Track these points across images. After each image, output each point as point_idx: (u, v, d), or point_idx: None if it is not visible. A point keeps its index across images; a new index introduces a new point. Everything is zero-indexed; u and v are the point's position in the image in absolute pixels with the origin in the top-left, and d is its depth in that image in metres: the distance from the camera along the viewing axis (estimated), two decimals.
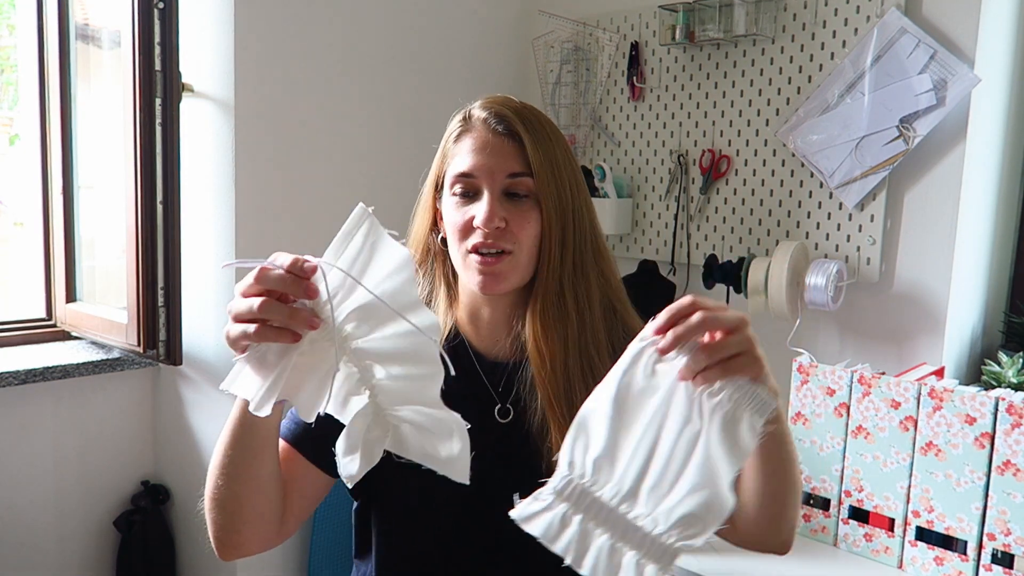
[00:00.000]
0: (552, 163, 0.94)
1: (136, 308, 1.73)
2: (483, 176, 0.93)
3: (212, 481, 0.88)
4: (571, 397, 0.92)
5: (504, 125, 0.94)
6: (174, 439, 1.99)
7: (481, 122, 0.95)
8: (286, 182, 1.83)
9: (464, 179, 0.94)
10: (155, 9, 1.62)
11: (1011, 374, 1.50)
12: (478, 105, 0.98)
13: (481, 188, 0.93)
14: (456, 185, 0.94)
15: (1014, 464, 1.25)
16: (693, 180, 1.93)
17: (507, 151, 0.93)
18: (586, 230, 0.97)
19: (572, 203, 0.95)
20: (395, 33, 1.98)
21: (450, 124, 1.00)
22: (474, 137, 0.95)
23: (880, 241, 1.65)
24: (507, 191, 0.93)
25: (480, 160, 0.93)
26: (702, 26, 1.82)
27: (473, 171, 0.93)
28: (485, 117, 0.95)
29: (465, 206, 0.94)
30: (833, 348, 1.74)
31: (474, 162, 0.93)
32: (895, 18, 1.57)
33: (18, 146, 2.20)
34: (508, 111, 0.95)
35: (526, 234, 0.93)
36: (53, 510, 1.89)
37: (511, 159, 0.93)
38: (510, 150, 0.93)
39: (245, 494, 0.87)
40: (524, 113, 0.96)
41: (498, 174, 0.93)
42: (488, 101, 0.97)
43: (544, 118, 0.98)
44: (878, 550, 1.41)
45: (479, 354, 1.02)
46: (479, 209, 0.92)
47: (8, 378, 1.71)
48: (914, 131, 1.56)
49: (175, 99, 1.67)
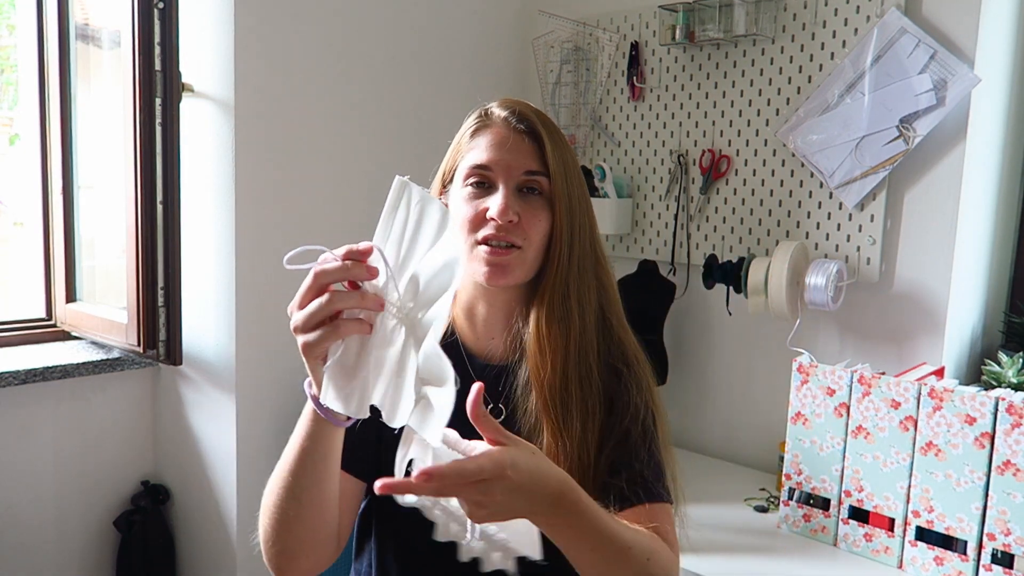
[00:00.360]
0: (566, 167, 0.96)
1: (136, 308, 1.73)
2: (500, 170, 0.94)
3: (279, 505, 0.86)
4: (567, 399, 0.92)
5: (525, 124, 0.96)
6: (174, 439, 1.99)
7: (502, 119, 0.97)
8: (286, 182, 1.83)
9: (480, 171, 0.95)
10: (155, 9, 1.62)
11: (1011, 374, 1.50)
12: (496, 104, 1.00)
13: (496, 182, 0.94)
14: (471, 177, 0.95)
15: (1014, 464, 1.25)
16: (693, 180, 1.93)
17: (526, 149, 0.95)
18: (588, 238, 0.98)
19: (580, 208, 0.97)
20: (395, 33, 1.98)
21: (466, 121, 1.01)
22: (493, 132, 0.96)
23: (880, 241, 1.65)
24: (521, 187, 0.95)
25: (499, 155, 0.94)
26: (702, 26, 1.82)
27: (491, 164, 0.94)
28: (506, 116, 0.97)
29: (478, 198, 0.94)
30: (833, 348, 1.74)
31: (492, 156, 0.94)
32: (895, 18, 1.57)
33: (18, 146, 2.20)
34: (529, 112, 0.97)
35: (536, 231, 0.94)
36: (53, 510, 1.89)
37: (529, 157, 0.95)
38: (529, 149, 0.95)
39: (311, 517, 0.87)
40: (542, 116, 0.98)
41: (515, 170, 0.94)
42: (507, 101, 0.99)
43: (556, 125, 1.00)
44: (878, 550, 1.41)
45: (471, 355, 1.02)
46: (493, 202, 0.93)
47: (8, 378, 1.71)
48: (914, 131, 1.56)
49: (175, 99, 1.67)
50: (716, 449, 1.95)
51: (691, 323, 1.97)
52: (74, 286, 1.96)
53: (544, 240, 0.95)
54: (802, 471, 1.49)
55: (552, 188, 0.95)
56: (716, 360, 1.95)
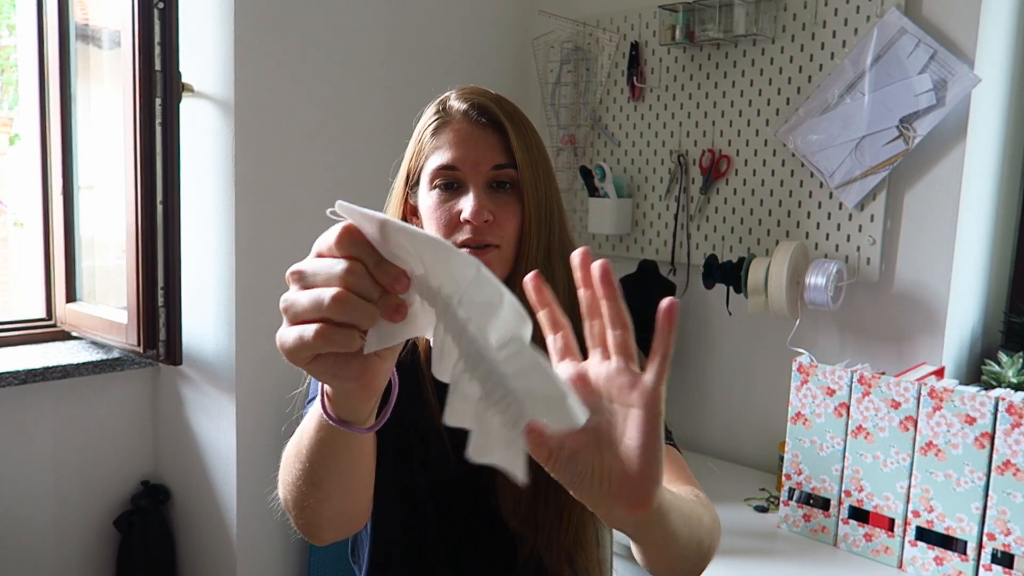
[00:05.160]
0: (531, 154, 0.93)
1: (136, 308, 1.73)
2: (467, 169, 0.91)
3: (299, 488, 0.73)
4: None
5: (487, 116, 0.92)
6: (174, 439, 1.99)
7: (461, 114, 0.92)
8: (286, 182, 1.83)
9: (447, 171, 0.91)
10: (155, 9, 1.62)
11: (1011, 374, 1.50)
12: (454, 96, 0.95)
13: (465, 181, 0.91)
14: (437, 179, 0.92)
15: (1014, 464, 1.25)
16: (693, 180, 1.93)
17: (491, 143, 0.91)
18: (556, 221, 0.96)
19: (547, 193, 0.94)
20: (395, 33, 1.98)
21: (424, 116, 0.96)
22: (455, 129, 0.92)
23: (880, 241, 1.65)
24: (490, 182, 0.92)
25: (464, 152, 0.91)
26: (702, 26, 1.82)
27: (456, 163, 0.91)
28: (465, 109, 0.92)
29: (448, 200, 0.92)
30: (833, 348, 1.74)
31: (457, 155, 0.91)
32: (895, 18, 1.57)
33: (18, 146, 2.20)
34: (489, 102, 0.93)
35: (510, 225, 0.92)
36: (53, 510, 1.89)
37: (495, 151, 0.91)
38: (493, 142, 0.91)
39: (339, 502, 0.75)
40: (503, 103, 0.94)
41: (483, 166, 0.91)
42: (465, 91, 0.95)
43: (518, 108, 0.96)
44: (878, 550, 1.41)
45: None
46: (466, 204, 0.90)
47: (8, 378, 1.71)
48: (914, 131, 1.56)
49: (175, 99, 1.67)
50: (716, 449, 1.95)
51: (691, 323, 1.97)
52: (74, 286, 1.96)
53: (518, 233, 0.93)
54: (802, 471, 1.49)
55: (519, 178, 0.92)
56: (716, 360, 1.95)
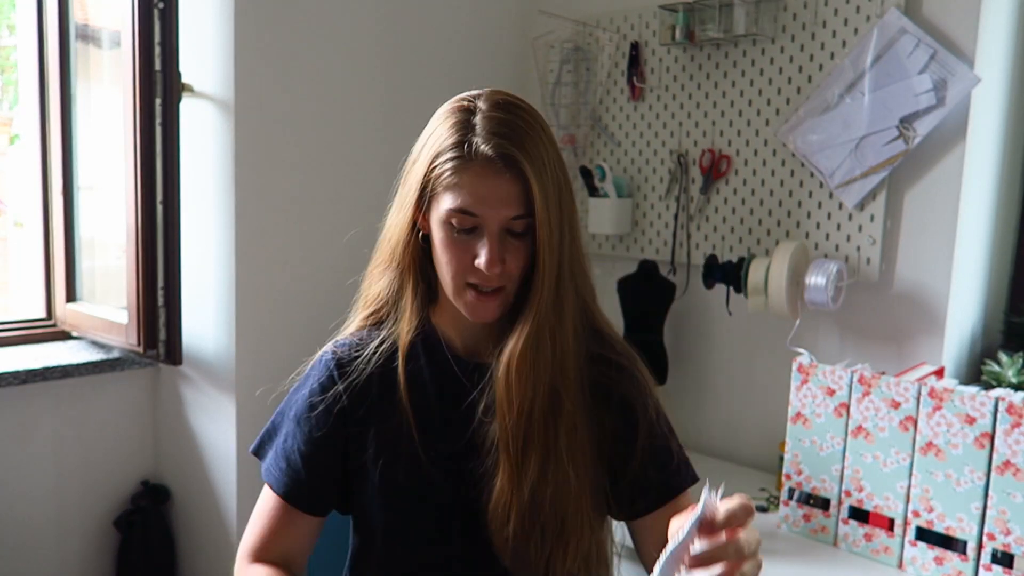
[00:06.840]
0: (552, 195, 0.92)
1: (136, 308, 1.73)
2: (487, 217, 0.91)
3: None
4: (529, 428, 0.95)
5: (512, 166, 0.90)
6: (174, 439, 1.99)
7: (485, 159, 0.90)
8: (286, 182, 1.83)
9: (465, 216, 0.91)
10: (155, 9, 1.62)
11: (1011, 374, 1.50)
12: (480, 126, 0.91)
13: (481, 227, 0.92)
14: (454, 218, 0.92)
15: (1014, 464, 1.25)
16: (693, 180, 1.93)
17: (512, 193, 0.90)
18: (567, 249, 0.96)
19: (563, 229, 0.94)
20: (395, 33, 1.98)
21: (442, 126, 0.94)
22: (477, 173, 0.90)
23: (880, 241, 1.65)
24: (505, 228, 0.92)
25: (483, 200, 0.90)
26: (702, 26, 1.82)
27: (476, 211, 0.91)
28: (491, 155, 0.89)
29: (463, 242, 0.93)
30: (833, 348, 1.74)
31: (477, 202, 0.90)
32: (895, 18, 1.57)
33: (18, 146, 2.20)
34: (515, 150, 0.90)
35: (518, 268, 0.94)
36: (53, 510, 1.89)
37: (515, 202, 0.91)
38: (515, 192, 0.90)
39: None
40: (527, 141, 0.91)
41: (502, 214, 0.91)
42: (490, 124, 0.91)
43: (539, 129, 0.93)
44: (878, 550, 1.41)
45: (457, 356, 1.03)
46: (481, 251, 0.91)
47: (8, 378, 1.71)
48: (914, 131, 1.56)
49: (175, 99, 1.68)
50: (716, 449, 1.95)
51: (691, 323, 1.97)
52: (74, 286, 1.96)
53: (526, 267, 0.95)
54: (802, 471, 1.49)
55: (537, 227, 0.91)
56: (716, 360, 1.95)
